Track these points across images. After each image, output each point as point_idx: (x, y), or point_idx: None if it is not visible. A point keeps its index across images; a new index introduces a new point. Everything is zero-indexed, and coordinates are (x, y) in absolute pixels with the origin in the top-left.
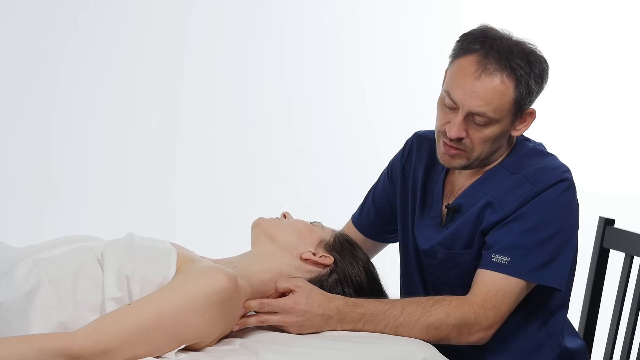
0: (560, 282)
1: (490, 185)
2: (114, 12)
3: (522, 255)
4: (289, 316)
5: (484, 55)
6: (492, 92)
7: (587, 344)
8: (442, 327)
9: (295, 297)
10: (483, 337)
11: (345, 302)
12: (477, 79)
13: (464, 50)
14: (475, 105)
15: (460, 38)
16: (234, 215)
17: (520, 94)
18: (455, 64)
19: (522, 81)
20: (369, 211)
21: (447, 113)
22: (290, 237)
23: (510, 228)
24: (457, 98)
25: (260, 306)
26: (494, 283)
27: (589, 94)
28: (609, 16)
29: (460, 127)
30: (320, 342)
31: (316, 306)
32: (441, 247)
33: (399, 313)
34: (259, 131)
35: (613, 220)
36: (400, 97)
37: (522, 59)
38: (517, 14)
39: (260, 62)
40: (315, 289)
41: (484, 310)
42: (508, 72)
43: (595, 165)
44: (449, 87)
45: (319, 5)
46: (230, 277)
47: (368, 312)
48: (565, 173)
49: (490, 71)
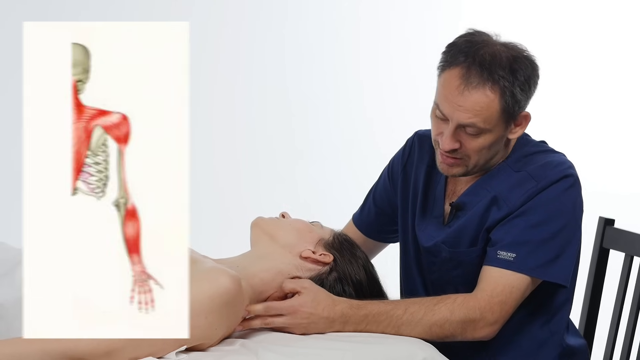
0: (565, 278)
1: (495, 182)
2: (114, 12)
3: (528, 251)
4: (295, 318)
5: (466, 68)
6: (477, 104)
7: (587, 344)
8: (446, 325)
9: (302, 299)
10: (489, 333)
11: (349, 305)
12: (461, 93)
13: (448, 63)
14: (464, 117)
15: (445, 49)
16: (234, 215)
17: (506, 103)
18: (442, 77)
19: (507, 91)
20: (370, 211)
21: (440, 123)
22: (289, 236)
23: (515, 224)
24: (446, 111)
25: (266, 310)
26: (500, 278)
27: (589, 94)
28: (607, 16)
29: (453, 139)
30: (320, 342)
31: (321, 309)
32: (445, 245)
33: (402, 313)
34: (259, 131)
35: (613, 220)
36: (400, 97)
37: (504, 68)
38: (517, 13)
39: (261, 62)
40: (321, 291)
41: (490, 305)
42: (491, 84)
43: (595, 165)
44: (438, 100)
45: (319, 5)
46: (233, 278)
47: (371, 313)
48: (569, 169)
49: (474, 85)
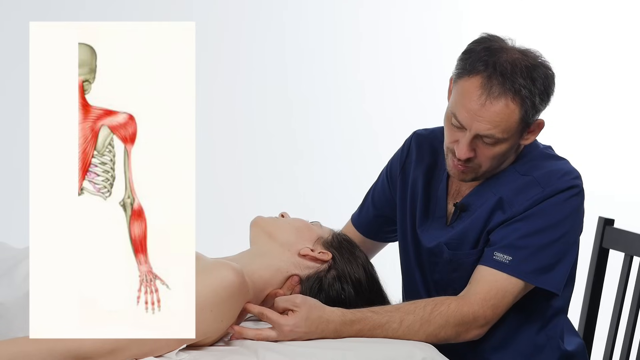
0: (558, 286)
1: (500, 185)
2: (114, 12)
3: (525, 256)
4: (288, 336)
5: (487, 78)
6: (498, 115)
7: (587, 344)
8: (442, 333)
9: (295, 320)
10: (479, 334)
11: (342, 321)
12: (482, 104)
13: (467, 71)
14: (483, 128)
15: (462, 55)
16: (234, 215)
17: (526, 113)
18: (459, 84)
19: (528, 101)
20: (368, 211)
21: (455, 131)
22: (288, 234)
23: (515, 227)
24: (464, 122)
25: (259, 316)
26: (494, 281)
27: (589, 94)
28: (608, 18)
29: (469, 148)
30: (321, 342)
31: (314, 327)
32: (447, 247)
33: (397, 326)
34: (259, 131)
35: (612, 220)
36: (400, 97)
37: (525, 77)
38: (518, 15)
39: (261, 62)
40: (314, 305)
41: (483, 309)
42: (512, 95)
43: (595, 165)
44: (455, 109)
45: (319, 5)
46: (237, 271)
47: (365, 328)
48: (576, 179)
49: (495, 95)
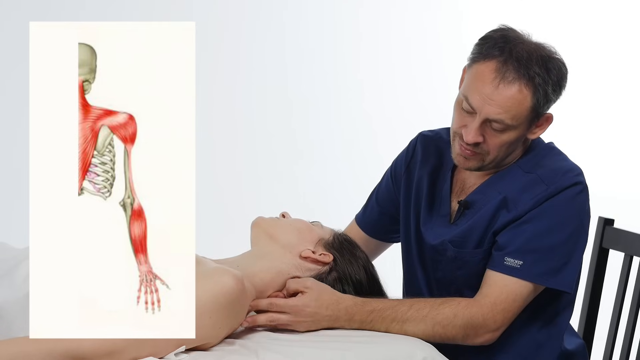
0: (569, 285)
1: (504, 183)
2: (114, 12)
3: (535, 259)
4: (298, 317)
5: (502, 62)
6: (510, 100)
7: (587, 344)
8: (449, 327)
9: (305, 299)
10: (489, 339)
11: (354, 302)
12: (496, 87)
13: (483, 55)
14: (494, 112)
15: (479, 41)
16: (234, 215)
17: (537, 102)
18: (474, 68)
19: (540, 89)
20: (373, 211)
21: (465, 116)
22: (289, 235)
23: (523, 230)
24: (475, 104)
25: (269, 306)
26: (505, 286)
27: (589, 94)
28: (609, 18)
29: (477, 133)
30: (321, 342)
31: (324, 307)
32: (451, 245)
33: (407, 309)
34: (259, 131)
35: (612, 220)
36: (400, 97)
37: (540, 66)
38: (519, 15)
39: (261, 62)
40: (325, 289)
41: (492, 313)
42: (526, 81)
43: (595, 165)
44: (467, 92)
45: (319, 5)
46: (237, 278)
47: (376, 309)
48: (579, 176)
49: (509, 80)
